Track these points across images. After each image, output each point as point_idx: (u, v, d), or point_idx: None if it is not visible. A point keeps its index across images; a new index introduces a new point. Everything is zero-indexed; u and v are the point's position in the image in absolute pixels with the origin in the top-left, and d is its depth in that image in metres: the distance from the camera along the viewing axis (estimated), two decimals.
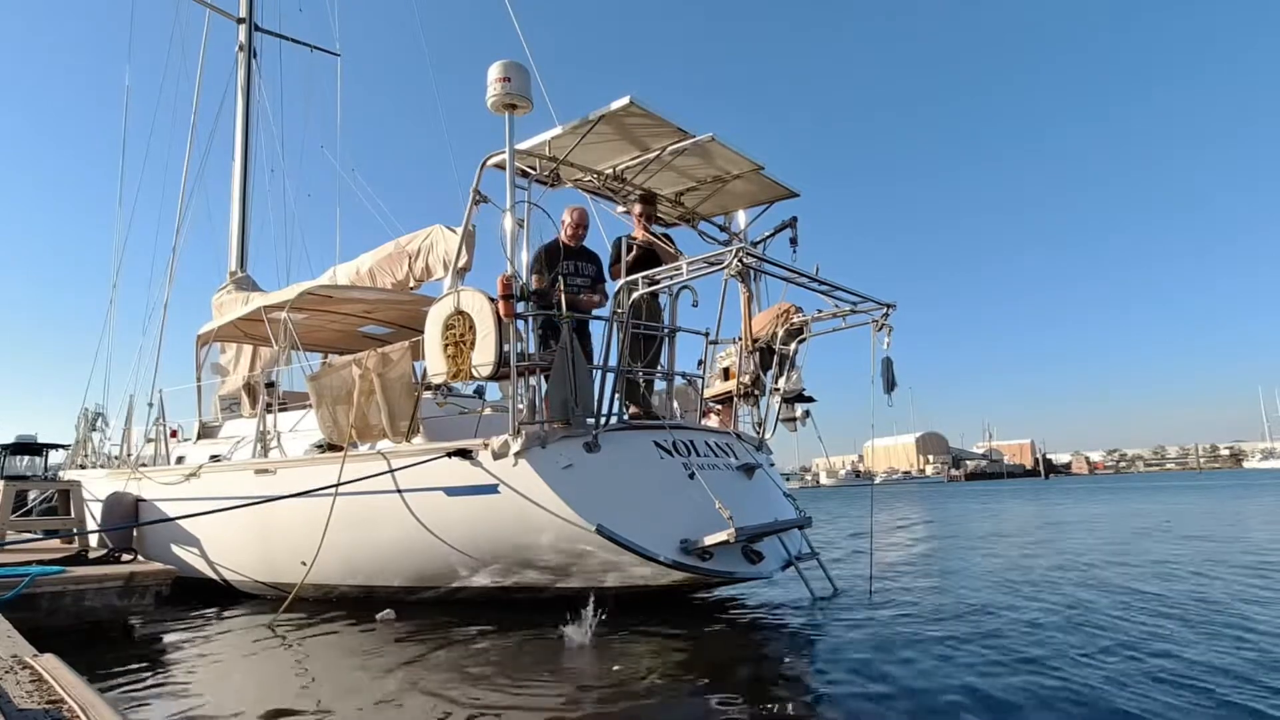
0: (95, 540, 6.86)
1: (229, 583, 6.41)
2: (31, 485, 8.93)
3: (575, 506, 4.35)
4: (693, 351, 6.16)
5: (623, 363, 4.96)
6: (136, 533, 6.95)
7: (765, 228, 6.43)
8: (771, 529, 4.90)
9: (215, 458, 6.93)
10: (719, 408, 6.19)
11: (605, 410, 4.80)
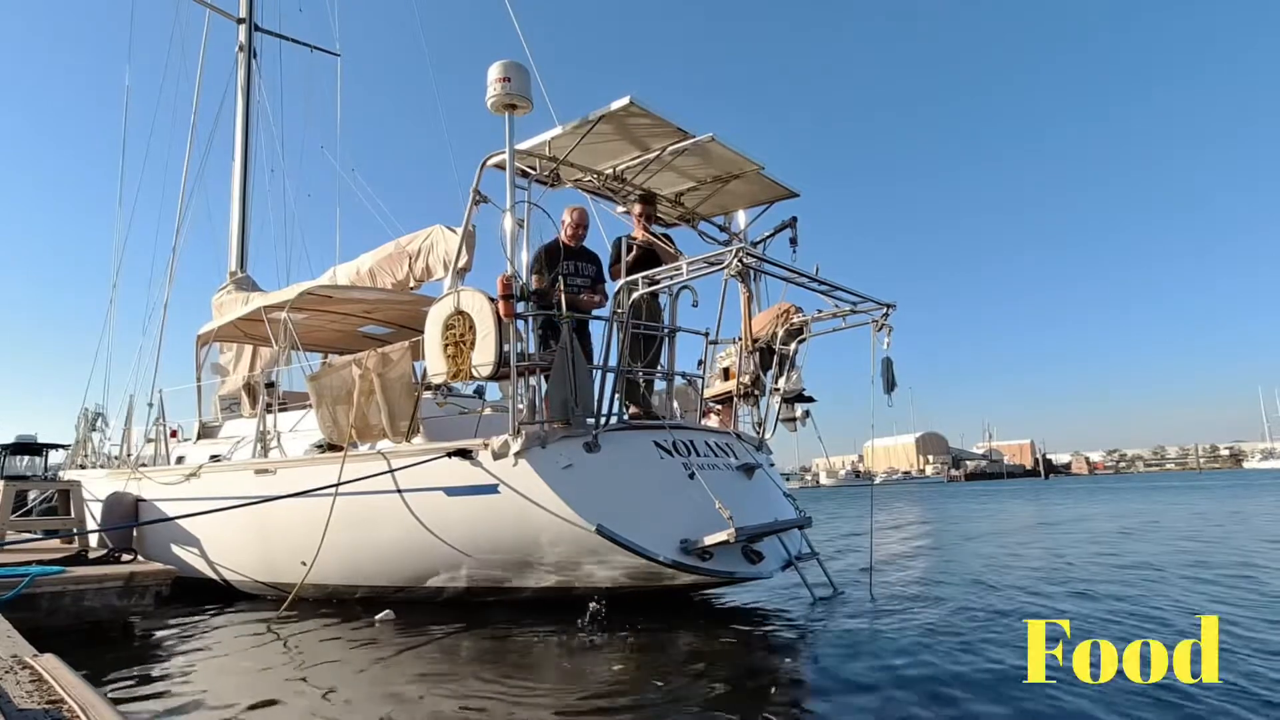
0: (95, 540, 6.86)
1: (229, 583, 6.41)
2: (31, 485, 8.93)
3: (575, 506, 4.35)
4: (693, 351, 6.17)
5: (623, 363, 4.96)
6: (136, 533, 6.95)
7: (765, 228, 6.44)
8: (771, 529, 4.90)
9: (215, 458, 6.93)
10: (719, 408, 6.19)
11: (605, 410, 4.80)
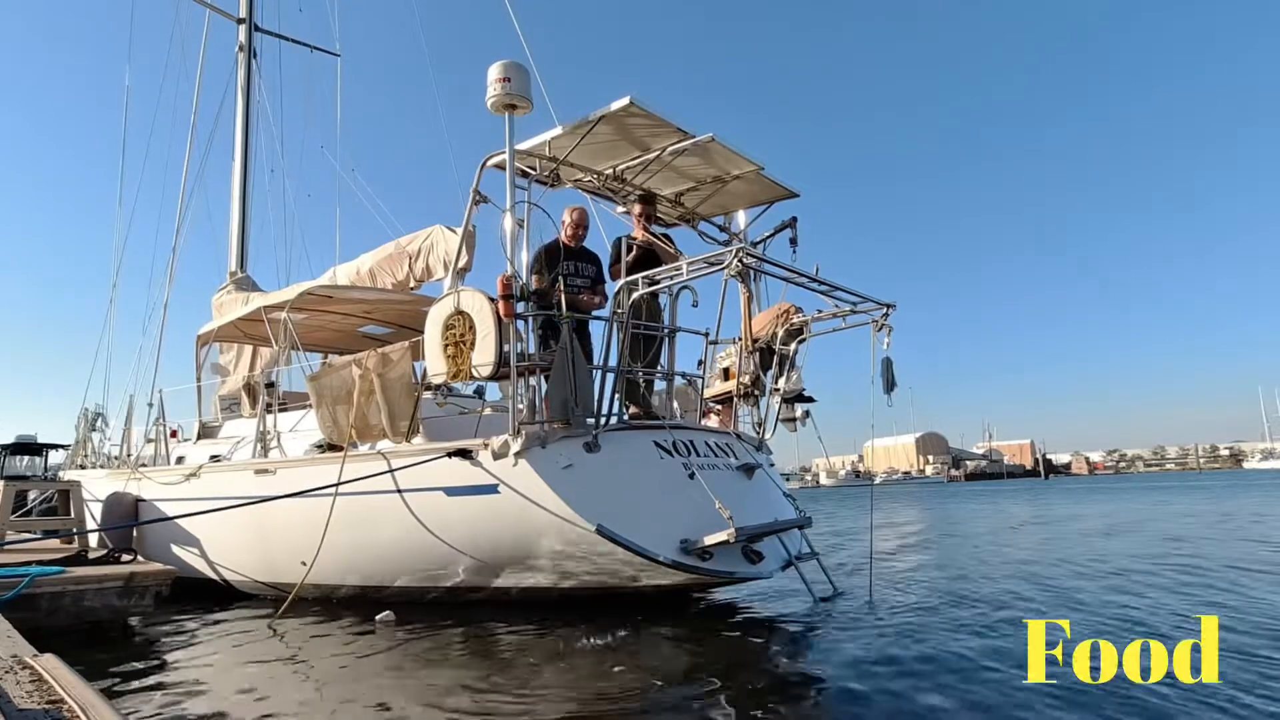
0: (95, 540, 6.86)
1: (229, 583, 6.41)
2: (31, 485, 8.94)
3: (575, 506, 4.35)
4: (693, 351, 6.17)
5: (623, 363, 4.96)
6: (136, 533, 6.95)
7: (765, 228, 6.44)
8: (771, 529, 4.90)
9: (215, 458, 6.93)
10: (719, 408, 6.19)
11: (605, 410, 4.80)
